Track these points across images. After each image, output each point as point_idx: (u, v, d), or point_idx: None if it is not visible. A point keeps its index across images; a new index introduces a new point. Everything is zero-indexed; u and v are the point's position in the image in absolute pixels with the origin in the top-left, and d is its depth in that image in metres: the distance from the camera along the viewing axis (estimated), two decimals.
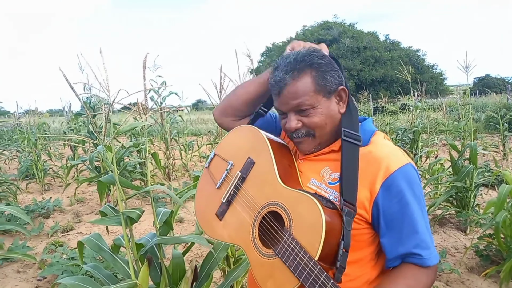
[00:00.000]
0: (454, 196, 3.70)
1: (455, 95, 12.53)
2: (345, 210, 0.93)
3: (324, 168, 1.06)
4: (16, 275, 3.05)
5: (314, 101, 1.01)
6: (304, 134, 1.04)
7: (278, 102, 1.06)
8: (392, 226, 0.96)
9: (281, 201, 0.98)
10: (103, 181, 1.35)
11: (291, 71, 1.02)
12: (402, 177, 0.96)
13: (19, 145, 7.49)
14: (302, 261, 0.88)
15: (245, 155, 1.11)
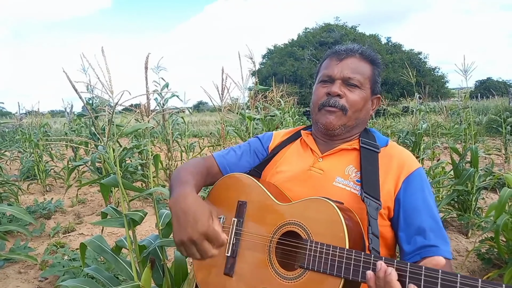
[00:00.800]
0: (455, 199, 3.70)
1: (457, 98, 12.53)
2: (368, 201, 0.97)
3: (348, 166, 1.09)
4: (18, 276, 3.05)
5: (364, 84, 1.10)
6: (340, 106, 1.08)
7: (335, 67, 1.10)
8: (412, 219, 1.01)
9: (288, 219, 0.97)
10: (106, 183, 1.35)
11: (362, 52, 1.12)
12: (421, 176, 1.06)
13: (21, 146, 7.50)
14: (336, 256, 0.85)
15: (233, 202, 1.10)
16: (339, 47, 1.15)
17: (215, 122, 14.32)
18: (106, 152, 1.29)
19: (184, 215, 0.92)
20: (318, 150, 1.16)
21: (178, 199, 0.96)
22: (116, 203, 4.82)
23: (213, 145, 6.82)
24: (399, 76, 21.06)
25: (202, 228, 0.91)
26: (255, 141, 1.30)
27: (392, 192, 1.04)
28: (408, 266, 0.77)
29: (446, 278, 0.73)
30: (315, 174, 1.11)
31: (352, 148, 1.12)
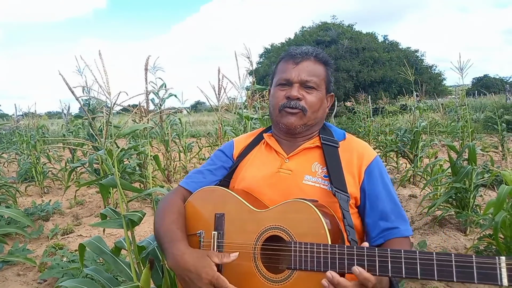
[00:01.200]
0: (453, 196, 3.71)
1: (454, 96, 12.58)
2: (339, 195, 1.05)
3: (314, 163, 1.16)
4: (17, 278, 3.04)
5: (320, 85, 1.17)
6: (300, 107, 1.15)
7: (292, 71, 1.16)
8: (376, 205, 1.11)
9: (269, 225, 1.01)
10: (105, 184, 1.35)
11: (316, 54, 1.19)
12: (378, 164, 1.17)
13: (18, 148, 7.48)
14: (320, 253, 0.90)
15: (210, 215, 1.11)
16: (293, 51, 1.20)
17: (212, 122, 14.31)
18: (105, 154, 1.29)
19: (187, 273, 1.00)
20: (283, 151, 1.21)
21: (176, 260, 1.02)
22: (115, 204, 4.81)
23: (211, 145, 6.81)
24: (396, 74, 21.09)
25: (207, 279, 0.97)
26: (219, 153, 1.33)
27: (357, 182, 1.13)
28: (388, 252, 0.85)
29: (440, 258, 0.80)
30: (284, 175, 1.16)
31: (315, 146, 1.19)
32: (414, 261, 0.82)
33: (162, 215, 1.16)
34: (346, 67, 22.09)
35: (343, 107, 22.10)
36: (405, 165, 6.70)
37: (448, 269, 0.79)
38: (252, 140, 1.32)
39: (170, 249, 1.05)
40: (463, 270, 0.78)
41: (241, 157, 1.28)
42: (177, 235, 1.08)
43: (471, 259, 0.77)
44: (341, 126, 16.41)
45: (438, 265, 0.80)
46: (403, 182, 5.51)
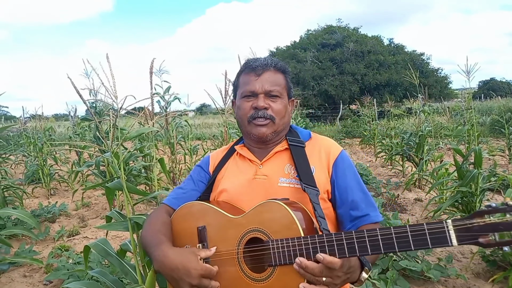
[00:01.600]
0: (459, 201, 3.68)
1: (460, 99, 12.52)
2: (308, 190, 1.11)
3: (286, 165, 1.23)
4: (23, 279, 3.07)
5: (282, 93, 1.24)
6: (268, 116, 1.21)
7: (256, 83, 1.22)
8: (346, 196, 1.19)
9: (247, 228, 1.07)
10: (111, 187, 1.36)
11: (275, 64, 1.25)
12: (345, 158, 1.25)
13: (25, 150, 7.54)
14: (296, 246, 0.96)
15: (193, 230, 1.16)
16: (253, 63, 1.25)
17: (218, 124, 14.33)
18: (111, 157, 1.30)
19: (175, 271, 1.01)
20: (256, 158, 1.27)
21: (161, 261, 1.04)
22: (120, 206, 4.83)
23: (217, 149, 6.83)
24: (402, 77, 21.01)
25: (196, 272, 1.00)
26: (197, 169, 1.39)
27: (327, 176, 1.21)
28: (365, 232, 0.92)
29: (398, 231, 0.88)
30: (260, 181, 1.22)
31: (284, 149, 1.26)
32: (376, 238, 0.89)
33: (147, 227, 1.21)
34: (351, 70, 22.05)
35: (348, 110, 22.06)
36: (411, 168, 6.67)
37: (406, 240, 0.86)
38: (225, 154, 1.38)
39: (155, 252, 1.08)
40: (418, 238, 0.85)
41: (216, 171, 1.34)
42: (161, 239, 1.12)
43: (423, 227, 0.85)
44: (346, 129, 16.38)
45: (397, 237, 0.87)
46: (408, 186, 5.49)
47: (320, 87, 21.94)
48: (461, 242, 0.82)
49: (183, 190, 1.34)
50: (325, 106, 22.64)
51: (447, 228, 0.83)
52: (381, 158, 8.31)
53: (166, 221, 1.22)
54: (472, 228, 0.82)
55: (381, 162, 8.24)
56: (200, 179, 1.36)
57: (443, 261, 2.87)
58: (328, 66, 22.42)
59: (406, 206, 4.65)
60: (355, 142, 13.48)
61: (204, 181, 1.36)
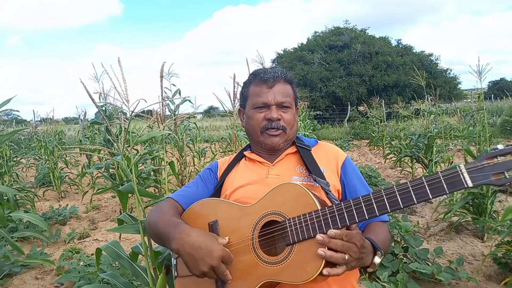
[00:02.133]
0: (470, 202, 3.65)
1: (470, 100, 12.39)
2: (319, 180, 1.17)
3: (297, 166, 1.28)
4: (34, 281, 3.11)
5: (292, 103, 1.31)
6: (280, 127, 1.26)
7: (267, 94, 1.26)
8: (355, 196, 1.13)
9: (262, 213, 1.06)
10: (122, 190, 1.38)
11: (284, 76, 1.30)
12: (351, 161, 1.33)
13: (36, 153, 7.64)
14: (313, 219, 0.97)
15: (204, 227, 1.15)
16: (264, 75, 1.30)
17: (226, 127, 14.35)
18: (123, 160, 1.32)
19: (197, 250, 1.00)
20: (266, 161, 1.32)
21: (183, 239, 1.02)
22: (130, 208, 4.87)
23: (225, 151, 6.84)
24: (410, 78, 20.87)
25: (218, 253, 1.00)
26: (207, 171, 1.42)
27: (337, 177, 1.27)
28: (382, 192, 0.95)
29: (415, 184, 0.91)
30: (273, 180, 1.24)
31: (294, 152, 1.32)
32: (394, 195, 0.92)
33: (157, 215, 1.21)
34: (359, 72, 21.95)
35: (356, 112, 21.96)
36: (420, 170, 6.62)
37: (423, 190, 0.90)
38: (233, 159, 1.41)
39: (175, 232, 1.06)
40: (434, 186, 0.89)
41: (224, 175, 1.36)
42: (179, 221, 1.12)
43: (438, 175, 0.89)
44: (354, 131, 16.31)
45: (414, 190, 0.91)
46: None
47: (327, 89, 21.88)
48: (475, 183, 0.86)
49: (190, 188, 1.35)
50: (332, 107, 22.57)
51: (460, 171, 0.87)
52: (390, 160, 8.26)
53: (179, 210, 1.24)
54: (484, 169, 0.86)
55: (390, 163, 8.19)
56: (208, 180, 1.37)
57: (454, 264, 2.84)
58: (336, 67, 22.35)
59: (415, 208, 4.62)
60: (363, 143, 13.41)
61: (213, 183, 1.37)
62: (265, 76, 1.29)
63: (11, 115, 30.09)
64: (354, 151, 11.61)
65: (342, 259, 0.92)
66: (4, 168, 4.97)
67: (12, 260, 3.02)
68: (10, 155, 5.58)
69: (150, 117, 2.83)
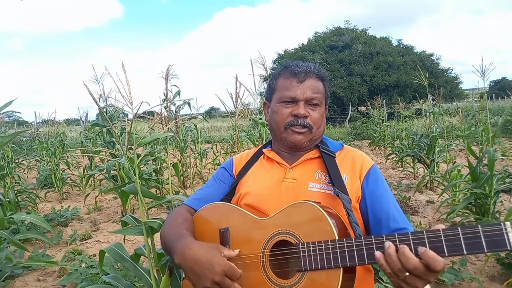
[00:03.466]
0: (473, 202, 3.64)
1: (471, 99, 12.38)
2: (342, 196, 1.08)
3: (317, 171, 1.20)
4: (37, 283, 3.10)
5: (322, 102, 1.23)
6: (307, 125, 1.18)
7: (297, 89, 1.19)
8: (380, 206, 1.14)
9: (275, 231, 1.00)
10: (126, 191, 1.37)
11: (317, 71, 1.23)
12: (378, 171, 1.22)
13: (38, 154, 7.65)
14: (329, 249, 0.90)
15: (215, 231, 1.10)
16: (295, 68, 1.22)
17: (227, 128, 14.36)
18: (126, 161, 1.32)
19: (198, 265, 0.96)
20: (285, 162, 1.24)
21: (184, 253, 0.99)
22: (132, 209, 4.87)
23: (227, 152, 6.84)
24: (411, 78, 20.85)
25: (220, 268, 0.94)
26: (221, 170, 1.36)
27: (359, 185, 1.17)
28: (410, 235, 0.84)
29: (448, 234, 0.80)
30: (289, 184, 1.18)
31: (316, 156, 1.23)
32: (423, 241, 0.82)
33: (167, 224, 1.18)
34: (359, 72, 21.96)
35: (356, 112, 21.95)
36: (422, 170, 6.61)
37: (457, 243, 0.79)
38: (251, 157, 1.35)
39: (177, 245, 1.03)
40: (471, 241, 0.77)
41: (241, 174, 1.30)
42: (183, 233, 1.08)
43: (477, 229, 0.77)
44: (355, 131, 16.29)
45: (446, 240, 0.79)
46: (419, 188, 5.43)
47: (328, 89, 21.90)
48: None
49: (204, 191, 1.30)
50: (333, 108, 22.57)
51: (505, 230, 0.76)
52: (392, 160, 8.25)
53: (188, 217, 1.18)
54: None
55: (392, 164, 8.18)
56: (222, 180, 1.32)
57: (457, 264, 2.83)
58: (337, 68, 22.36)
59: (418, 208, 4.61)
60: (364, 144, 13.40)
61: (227, 182, 1.32)
62: (296, 69, 1.21)
63: (13, 117, 30.11)
64: None
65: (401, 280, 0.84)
66: (6, 170, 4.97)
67: (14, 262, 3.02)
68: (12, 157, 5.58)
69: (152, 118, 2.83)
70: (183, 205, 1.27)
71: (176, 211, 1.24)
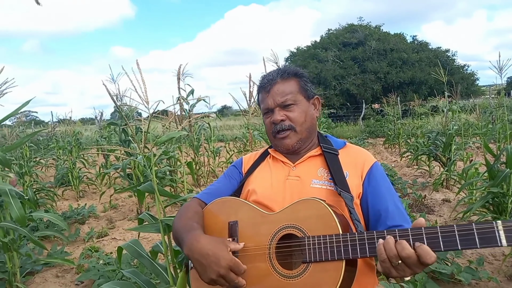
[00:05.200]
0: (490, 201, 3.58)
1: (487, 96, 12.14)
2: (343, 195, 1.12)
3: (319, 169, 1.24)
4: (55, 279, 3.17)
5: (296, 99, 1.25)
6: (287, 127, 1.23)
7: (267, 99, 1.26)
8: (380, 204, 1.17)
9: (282, 225, 1.06)
10: (142, 189, 1.40)
11: (281, 74, 1.27)
12: (380, 168, 1.25)
13: (55, 153, 7.79)
14: (333, 243, 0.96)
15: (224, 224, 1.16)
16: (263, 80, 1.30)
17: (239, 126, 14.40)
18: (143, 160, 1.34)
19: (205, 257, 1.01)
20: (289, 161, 1.30)
21: (193, 245, 1.05)
22: (146, 207, 4.93)
23: (240, 151, 6.85)
24: (426, 75, 20.51)
25: (225, 262, 1.00)
26: (231, 168, 1.43)
27: (360, 183, 1.21)
28: (409, 230, 0.90)
29: (444, 231, 0.87)
30: (293, 182, 1.24)
31: (318, 154, 1.28)
32: (421, 237, 0.88)
33: (179, 217, 1.24)
34: (373, 69, 21.71)
35: (370, 110, 21.73)
36: (438, 168, 6.52)
37: (452, 239, 0.85)
38: (259, 157, 1.41)
39: (187, 237, 1.09)
40: (465, 238, 0.84)
41: (249, 172, 1.37)
42: (193, 226, 1.13)
43: (471, 227, 0.84)
44: (369, 129, 16.16)
45: (443, 237, 0.86)
46: (436, 186, 5.36)
47: (341, 87, 21.71)
48: (510, 243, 0.82)
49: (215, 186, 1.37)
50: (347, 105, 22.39)
51: (497, 228, 0.82)
52: (406, 158, 8.16)
53: (198, 211, 1.24)
54: None
55: (406, 162, 8.08)
56: (232, 177, 1.39)
57: (474, 264, 2.79)
58: (350, 65, 22.16)
59: (433, 207, 4.55)
60: (378, 142, 13.28)
61: (237, 179, 1.38)
62: (263, 81, 1.30)
63: (30, 116, 30.70)
64: (369, 149, 11.49)
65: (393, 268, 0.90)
66: (25, 169, 5.08)
67: (33, 258, 3.09)
68: (30, 156, 5.70)
69: (165, 117, 2.86)
70: (195, 198, 1.33)
71: (188, 204, 1.29)
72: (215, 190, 1.34)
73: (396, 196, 1.22)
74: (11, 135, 5.14)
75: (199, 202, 1.30)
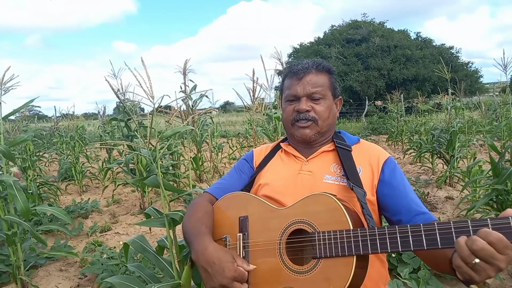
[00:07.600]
0: (494, 199, 3.57)
1: (491, 93, 12.08)
2: (356, 190, 1.11)
3: (332, 164, 1.24)
4: (59, 273, 3.19)
5: (326, 94, 1.26)
6: (310, 118, 1.23)
7: (296, 86, 1.25)
8: (401, 192, 1.17)
9: (292, 219, 1.05)
10: (147, 183, 1.40)
11: (316, 66, 1.27)
12: (394, 163, 1.25)
13: (58, 148, 7.81)
14: (344, 238, 0.95)
15: (235, 219, 1.16)
16: (295, 67, 1.28)
17: (242, 122, 14.39)
18: (149, 154, 1.34)
19: (210, 266, 1.02)
20: (301, 155, 1.29)
21: (200, 252, 1.06)
22: (149, 202, 4.94)
23: (245, 146, 6.85)
24: (430, 72, 20.42)
25: (230, 273, 1.00)
26: (242, 161, 1.42)
27: (376, 178, 1.20)
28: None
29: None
30: (305, 176, 1.23)
31: (331, 149, 1.28)
32: (434, 232, 0.85)
33: (189, 215, 1.23)
34: (377, 65, 21.64)
35: (373, 107, 21.68)
36: (442, 166, 6.50)
37: (466, 236, 0.81)
38: (270, 151, 1.40)
39: (195, 242, 1.10)
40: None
41: (260, 166, 1.36)
42: (202, 230, 1.13)
43: (487, 222, 0.80)
44: (372, 126, 16.11)
45: (456, 232, 0.82)
46: (440, 184, 5.35)
47: (345, 83, 21.66)
48: None
49: (226, 180, 1.37)
50: (350, 102, 22.35)
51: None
52: (410, 155, 8.14)
53: (208, 210, 1.23)
54: None
55: (409, 159, 8.06)
56: (243, 171, 1.38)
57: None
58: (353, 61, 22.09)
59: (436, 205, 4.54)
60: (381, 139, 13.25)
61: (247, 173, 1.38)
62: (295, 68, 1.27)
63: (33, 111, 30.80)
64: None
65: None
66: (28, 163, 5.10)
67: (37, 252, 3.10)
68: (33, 150, 5.72)
69: (169, 112, 2.86)
70: (205, 193, 1.33)
71: (198, 201, 1.28)
72: (226, 185, 1.34)
73: (412, 189, 1.22)
74: (14, 130, 5.15)
75: (210, 196, 1.30)
